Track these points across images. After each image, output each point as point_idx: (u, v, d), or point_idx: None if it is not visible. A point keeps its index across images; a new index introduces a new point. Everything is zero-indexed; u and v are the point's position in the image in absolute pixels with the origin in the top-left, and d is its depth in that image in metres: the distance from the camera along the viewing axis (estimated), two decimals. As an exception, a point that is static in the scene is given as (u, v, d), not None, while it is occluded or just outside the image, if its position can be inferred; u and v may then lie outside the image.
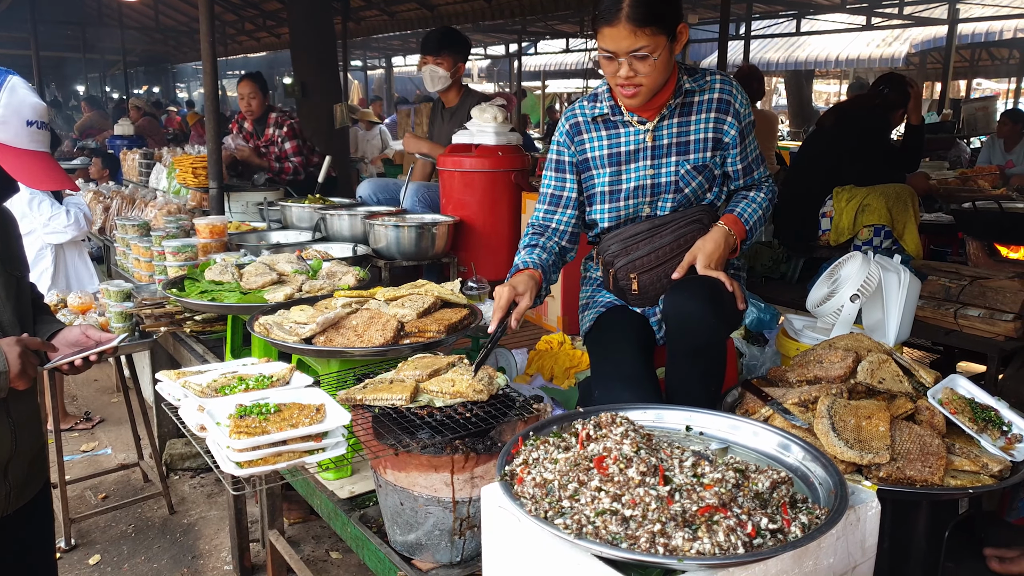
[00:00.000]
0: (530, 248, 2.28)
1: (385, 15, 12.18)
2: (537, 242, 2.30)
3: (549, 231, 2.34)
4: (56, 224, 4.58)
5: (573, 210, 2.33)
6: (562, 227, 2.34)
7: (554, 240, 2.33)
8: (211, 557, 3.48)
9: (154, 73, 24.03)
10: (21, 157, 1.69)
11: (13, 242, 1.97)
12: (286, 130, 5.32)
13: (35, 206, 4.54)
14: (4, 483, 1.85)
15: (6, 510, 1.88)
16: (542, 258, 2.23)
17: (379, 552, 1.89)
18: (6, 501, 1.87)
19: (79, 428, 4.79)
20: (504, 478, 1.34)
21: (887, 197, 4.37)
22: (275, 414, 1.51)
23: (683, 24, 2.11)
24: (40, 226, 4.59)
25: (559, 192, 2.35)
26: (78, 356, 1.85)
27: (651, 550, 1.12)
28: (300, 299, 2.56)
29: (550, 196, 2.36)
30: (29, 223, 4.52)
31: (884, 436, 1.69)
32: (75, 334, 1.97)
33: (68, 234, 4.63)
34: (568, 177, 2.33)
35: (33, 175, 1.69)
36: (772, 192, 2.35)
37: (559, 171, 2.35)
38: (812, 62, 15.36)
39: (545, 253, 2.26)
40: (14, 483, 1.87)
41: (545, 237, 2.33)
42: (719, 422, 1.57)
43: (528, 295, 2.08)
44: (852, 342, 2.11)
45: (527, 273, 2.15)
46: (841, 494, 1.26)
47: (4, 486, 1.85)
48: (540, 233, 2.34)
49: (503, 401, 1.89)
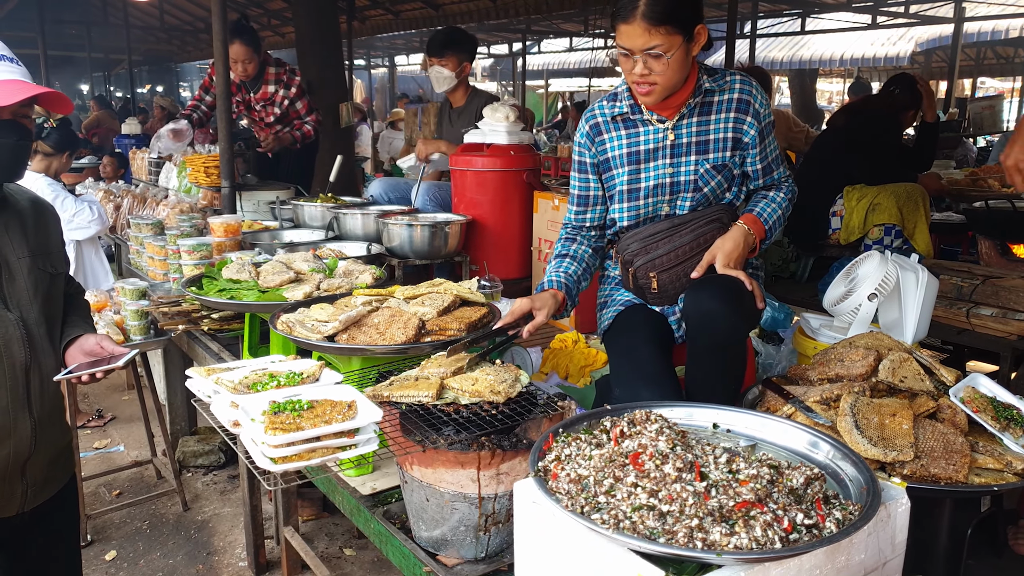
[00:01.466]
0: (559, 259, 2.37)
1: (390, 14, 12.19)
2: (568, 251, 2.39)
3: (583, 231, 2.44)
4: (80, 220, 4.63)
5: (603, 205, 2.42)
6: (596, 223, 2.43)
7: (588, 242, 2.42)
8: (226, 553, 3.50)
9: (158, 72, 24.05)
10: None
11: (49, 236, 1.96)
12: (295, 90, 5.05)
13: (59, 203, 4.58)
14: (21, 481, 1.83)
15: (22, 508, 1.87)
16: (569, 272, 2.32)
17: (404, 548, 1.90)
18: (23, 499, 1.86)
19: (91, 425, 4.81)
20: (538, 474, 1.36)
21: (897, 196, 4.38)
22: (308, 410, 1.52)
23: (702, 25, 2.12)
24: (64, 223, 4.62)
25: (586, 192, 2.42)
26: (86, 372, 1.86)
27: (689, 544, 1.14)
28: (319, 297, 2.57)
29: (578, 196, 2.43)
30: None
31: (908, 434, 1.70)
32: (91, 344, 1.97)
33: (92, 229, 4.68)
34: (591, 177, 2.40)
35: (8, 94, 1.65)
36: (792, 192, 2.36)
37: (582, 172, 2.41)
38: (816, 61, 15.37)
39: (575, 264, 2.35)
40: (31, 481, 1.86)
41: (577, 243, 2.41)
42: (748, 420, 1.58)
43: (545, 312, 2.18)
44: (873, 341, 2.13)
45: (550, 293, 2.24)
46: (873, 490, 1.28)
47: (21, 484, 1.83)
48: (572, 238, 2.43)
49: (527, 399, 1.90)
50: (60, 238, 2.01)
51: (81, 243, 4.79)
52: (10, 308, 1.78)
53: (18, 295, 1.80)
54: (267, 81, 5.13)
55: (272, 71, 5.12)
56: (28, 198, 1.95)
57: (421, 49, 19.88)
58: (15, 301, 1.79)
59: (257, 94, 5.14)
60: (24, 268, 1.83)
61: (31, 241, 1.88)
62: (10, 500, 1.83)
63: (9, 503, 1.83)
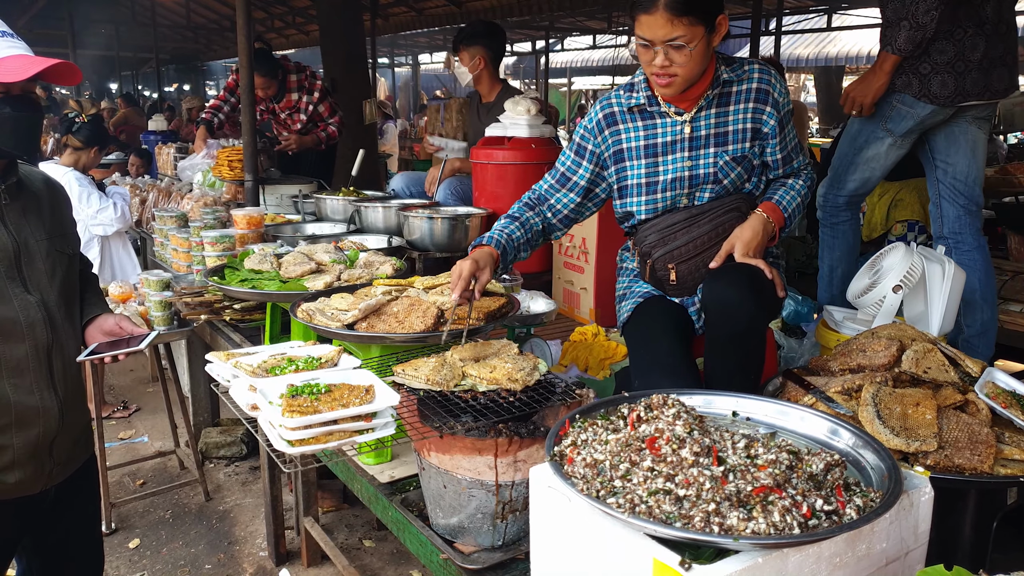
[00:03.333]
0: (508, 220, 2.28)
1: (413, 12, 12.23)
2: (521, 215, 2.30)
3: (545, 205, 2.35)
4: (104, 217, 4.72)
5: (577, 196, 2.34)
6: (559, 206, 2.35)
7: (545, 216, 2.34)
8: (247, 543, 3.53)
9: (184, 71, 24.34)
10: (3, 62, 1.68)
11: (64, 217, 1.99)
12: (317, 95, 5.09)
13: (84, 198, 4.69)
14: (49, 459, 1.88)
15: (48, 484, 1.92)
16: (513, 236, 2.23)
17: (421, 535, 1.91)
18: (49, 476, 1.91)
19: (116, 416, 4.88)
20: (554, 458, 1.35)
21: (920, 192, 4.32)
22: (326, 394, 1.53)
23: (723, 15, 2.09)
24: (88, 218, 4.74)
25: (570, 174, 2.34)
26: (108, 355, 1.90)
27: (706, 529, 1.13)
28: (340, 287, 2.59)
29: (561, 174, 2.36)
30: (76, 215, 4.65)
31: (931, 424, 1.67)
32: (110, 324, 2.01)
33: (114, 226, 4.78)
34: (584, 164, 2.32)
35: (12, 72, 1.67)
36: (811, 180, 2.33)
37: (578, 155, 2.34)
38: (843, 58, 15.18)
39: (521, 230, 2.26)
40: (58, 459, 1.91)
41: (535, 211, 2.33)
42: (767, 407, 1.56)
43: (488, 271, 2.10)
44: (896, 331, 2.09)
45: (487, 250, 2.16)
46: (895, 478, 1.25)
47: (48, 462, 1.88)
48: (532, 206, 2.35)
49: (545, 387, 1.90)
50: (72, 219, 2.05)
51: (109, 238, 4.89)
52: (31, 291, 1.81)
53: (38, 277, 1.83)
54: (290, 89, 5.17)
55: (294, 78, 5.15)
56: (41, 179, 1.98)
57: (444, 47, 19.96)
58: (35, 283, 1.82)
59: (281, 103, 5.19)
60: (43, 250, 1.85)
61: (47, 223, 1.90)
62: (38, 477, 1.88)
63: (37, 480, 1.88)
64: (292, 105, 5.18)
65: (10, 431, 1.78)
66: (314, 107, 5.16)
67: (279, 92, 5.18)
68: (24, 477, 1.84)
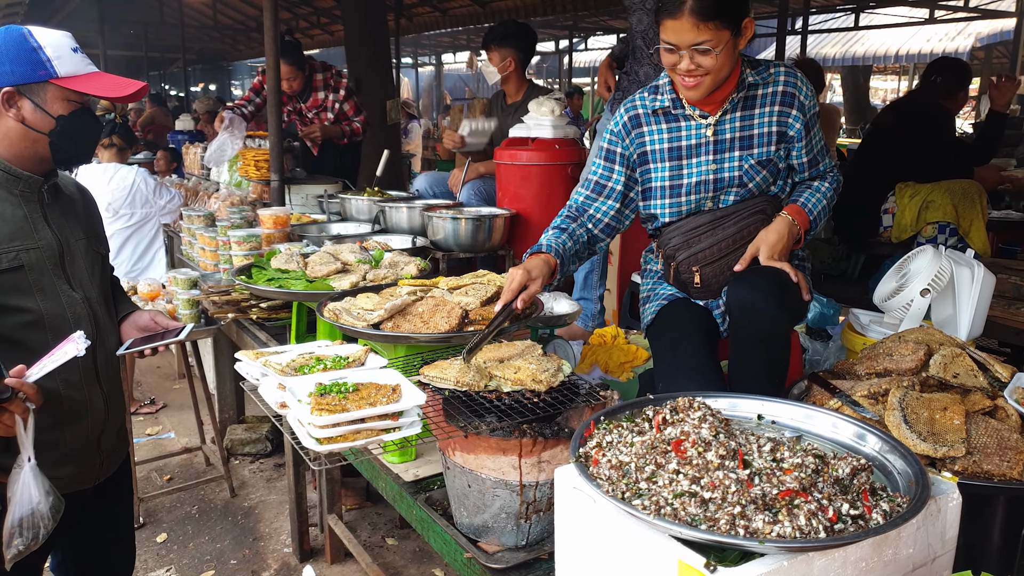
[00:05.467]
0: (557, 231, 2.25)
1: (437, 11, 12.27)
2: (567, 227, 2.27)
3: (584, 217, 2.32)
4: (172, 205, 5.18)
5: (615, 202, 2.31)
6: (599, 215, 2.32)
7: (587, 227, 2.31)
8: (271, 539, 3.57)
9: (210, 71, 24.61)
10: (94, 79, 1.80)
11: (96, 219, 2.07)
12: (343, 93, 5.15)
13: (157, 191, 5.11)
14: (98, 453, 1.94)
15: (98, 479, 1.97)
16: (566, 246, 2.21)
17: (445, 534, 1.92)
18: (99, 470, 1.96)
19: (143, 412, 4.95)
20: (579, 460, 1.36)
21: (952, 193, 4.26)
22: (354, 393, 1.55)
23: (749, 19, 2.08)
24: (159, 209, 5.01)
25: (604, 181, 2.32)
26: (147, 347, 1.95)
27: (731, 532, 1.13)
28: (365, 287, 2.61)
29: (594, 183, 2.33)
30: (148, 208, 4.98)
31: (959, 429, 1.66)
32: (145, 319, 2.07)
33: (177, 215, 5.09)
34: (617, 168, 2.31)
35: (110, 89, 1.79)
36: (837, 182, 2.31)
37: (608, 160, 2.32)
38: (870, 57, 15.00)
39: (571, 241, 2.24)
40: (106, 453, 1.97)
41: (578, 223, 2.30)
42: (793, 411, 1.56)
43: (540, 280, 2.07)
44: (923, 335, 2.08)
45: (543, 258, 2.13)
46: (923, 483, 1.25)
47: (98, 456, 1.94)
48: (574, 218, 2.32)
49: (569, 388, 1.90)
50: (102, 220, 2.12)
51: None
52: (75, 288, 1.87)
53: (80, 275, 1.89)
54: (316, 88, 5.21)
55: (319, 77, 5.19)
56: (73, 184, 2.06)
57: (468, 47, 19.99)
58: (78, 281, 1.88)
59: (308, 102, 5.24)
60: (82, 249, 1.92)
61: (84, 224, 1.98)
62: (89, 472, 1.94)
63: (88, 474, 1.94)
64: (319, 104, 5.23)
65: (61, 426, 1.83)
66: (340, 105, 5.21)
67: (305, 91, 5.22)
68: (76, 472, 1.89)
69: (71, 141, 1.81)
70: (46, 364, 1.56)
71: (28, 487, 1.56)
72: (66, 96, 1.77)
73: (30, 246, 1.78)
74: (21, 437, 1.53)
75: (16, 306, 1.74)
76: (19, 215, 1.79)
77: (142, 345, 1.95)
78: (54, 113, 1.76)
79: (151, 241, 5.37)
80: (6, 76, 1.74)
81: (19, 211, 1.79)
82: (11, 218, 1.77)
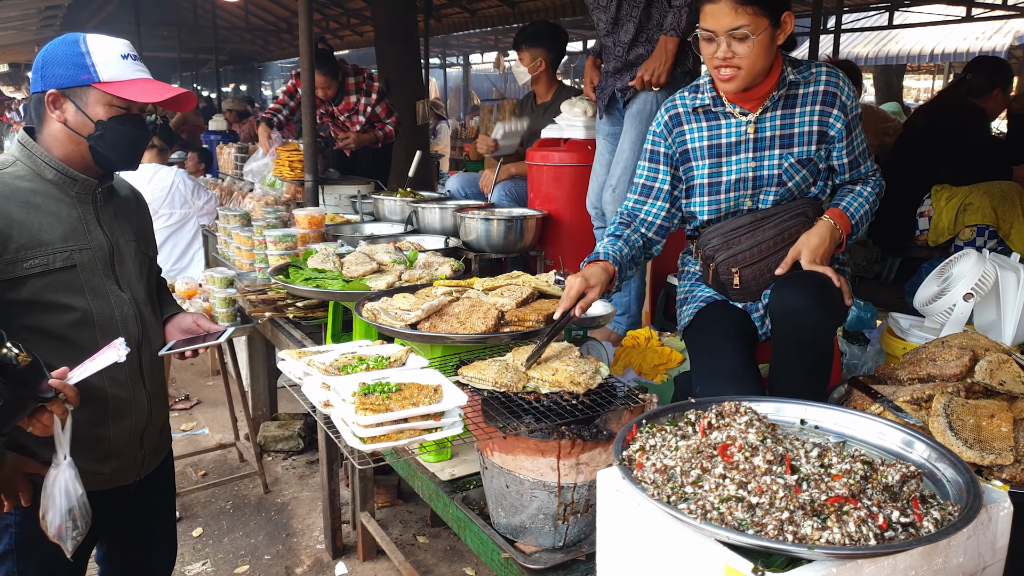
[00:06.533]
0: (613, 239, 2.27)
1: (466, 12, 12.30)
2: (622, 233, 2.30)
3: (636, 221, 2.34)
4: (209, 207, 5.18)
5: (664, 202, 2.32)
6: (650, 218, 2.33)
7: (640, 232, 2.32)
8: (304, 536, 3.61)
9: (241, 71, 24.92)
10: (136, 85, 1.82)
11: (146, 222, 2.12)
12: (375, 96, 5.22)
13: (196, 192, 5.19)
14: (140, 449, 1.98)
15: (140, 475, 2.01)
16: (622, 252, 2.23)
17: (482, 534, 1.93)
18: (140, 466, 2.00)
19: (178, 408, 5.03)
20: (622, 463, 1.36)
21: (991, 195, 4.19)
22: (396, 393, 1.56)
23: (788, 12, 2.08)
24: (197, 210, 5.11)
25: (651, 183, 2.34)
26: (188, 349, 2.00)
27: (779, 537, 1.12)
28: (401, 287, 2.63)
29: (641, 186, 2.35)
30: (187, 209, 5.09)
31: (1007, 437, 1.63)
32: (187, 322, 2.11)
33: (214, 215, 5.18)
34: (662, 168, 2.32)
35: (148, 93, 1.81)
36: (879, 186, 2.29)
37: (653, 162, 2.34)
38: (904, 56, 14.77)
39: (627, 247, 2.25)
40: (148, 449, 2.01)
41: (631, 229, 2.32)
42: (836, 416, 1.55)
43: (598, 288, 2.09)
44: (968, 340, 2.04)
45: (601, 265, 2.15)
46: (974, 492, 1.23)
47: (140, 452, 1.98)
48: (627, 224, 2.34)
49: (607, 391, 1.90)
50: (152, 223, 2.17)
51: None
52: (123, 288, 1.91)
53: (128, 276, 1.93)
54: (348, 92, 5.28)
55: (351, 81, 5.26)
56: (126, 186, 2.11)
57: (496, 47, 20.01)
58: (127, 281, 1.92)
59: (340, 106, 5.30)
60: (131, 251, 1.97)
61: (135, 226, 2.03)
62: (132, 468, 1.98)
63: (131, 471, 1.98)
64: (351, 107, 5.29)
65: (107, 423, 1.87)
66: (372, 108, 5.26)
67: (338, 94, 5.29)
68: (119, 467, 1.93)
69: (110, 146, 1.82)
70: (88, 367, 1.60)
71: (69, 482, 1.60)
72: (108, 101, 1.80)
73: (83, 246, 1.82)
74: (59, 436, 1.56)
75: (67, 304, 1.78)
76: (74, 216, 1.83)
77: (183, 347, 2.00)
78: (94, 117, 1.79)
79: (190, 241, 5.47)
80: (54, 79, 1.79)
81: (74, 212, 1.83)
82: (66, 219, 1.81)
